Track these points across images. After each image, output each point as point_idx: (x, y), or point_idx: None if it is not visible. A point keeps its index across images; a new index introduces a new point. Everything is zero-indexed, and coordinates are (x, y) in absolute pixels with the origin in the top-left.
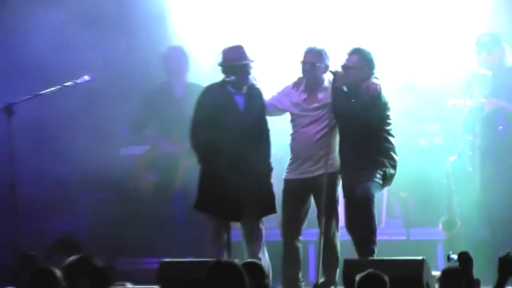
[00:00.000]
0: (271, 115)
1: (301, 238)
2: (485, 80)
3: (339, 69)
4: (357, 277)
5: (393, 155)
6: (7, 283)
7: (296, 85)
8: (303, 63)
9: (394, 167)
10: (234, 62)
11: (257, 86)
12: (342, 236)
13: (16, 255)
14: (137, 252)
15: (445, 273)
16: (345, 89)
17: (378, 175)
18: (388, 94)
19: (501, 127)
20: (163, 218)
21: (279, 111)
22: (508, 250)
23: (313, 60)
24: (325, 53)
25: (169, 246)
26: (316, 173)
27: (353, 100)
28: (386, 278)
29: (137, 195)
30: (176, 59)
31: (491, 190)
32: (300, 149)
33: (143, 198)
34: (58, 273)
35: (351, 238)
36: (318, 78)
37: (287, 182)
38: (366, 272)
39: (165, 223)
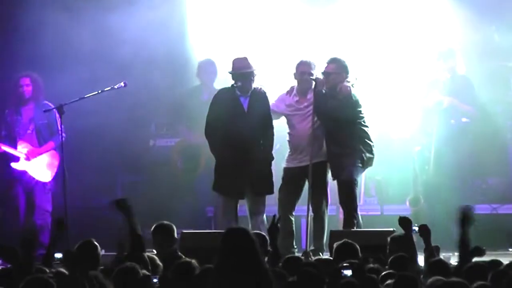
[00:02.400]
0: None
1: (294, 213)
2: (444, 82)
3: (320, 76)
4: (335, 245)
5: (369, 141)
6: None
7: (289, 92)
8: (302, 73)
9: (370, 151)
10: (240, 70)
11: (263, 90)
12: (330, 212)
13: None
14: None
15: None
16: (324, 92)
17: (358, 160)
18: (359, 93)
19: (452, 121)
20: (187, 196)
21: (276, 114)
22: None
23: (309, 70)
24: (314, 64)
25: (190, 220)
26: (310, 161)
27: (332, 102)
28: (357, 246)
29: (164, 178)
30: (207, 71)
31: (444, 172)
32: (296, 143)
33: (170, 180)
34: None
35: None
36: (311, 83)
37: (287, 169)
38: (341, 241)
39: (189, 201)
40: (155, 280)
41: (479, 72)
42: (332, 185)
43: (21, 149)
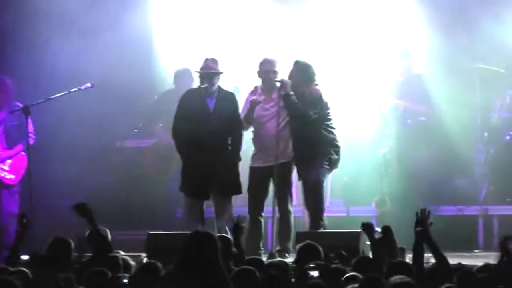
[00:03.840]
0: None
1: (263, 214)
2: (397, 84)
3: (284, 78)
4: (297, 247)
5: (336, 143)
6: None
7: (253, 92)
8: (267, 71)
9: (337, 153)
10: (207, 71)
11: (233, 91)
12: (295, 213)
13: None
14: (128, 225)
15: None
16: (292, 93)
17: (325, 162)
18: (327, 96)
19: (409, 120)
20: (157, 198)
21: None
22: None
23: (273, 68)
24: (277, 62)
25: (160, 221)
26: (277, 161)
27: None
28: (320, 248)
29: (133, 179)
30: (184, 79)
31: (409, 173)
32: (262, 143)
33: (139, 181)
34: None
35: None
36: (275, 82)
37: (253, 169)
38: (304, 243)
39: (159, 202)
40: (125, 281)
41: (446, 73)
42: (298, 185)
43: None
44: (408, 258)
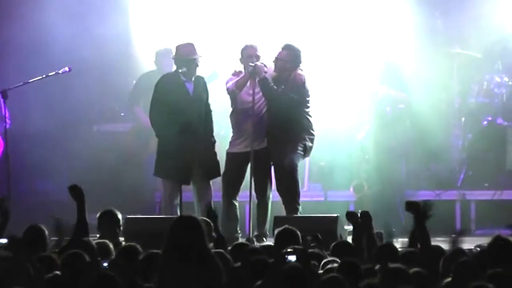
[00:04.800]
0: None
1: (238, 198)
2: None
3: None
4: (275, 231)
5: (311, 131)
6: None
7: (236, 74)
8: (249, 56)
9: (312, 141)
10: (186, 56)
11: (212, 77)
12: (273, 198)
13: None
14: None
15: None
16: (266, 77)
17: (300, 148)
18: (310, 84)
19: (388, 108)
20: (135, 181)
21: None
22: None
23: (256, 53)
24: (259, 47)
25: (138, 205)
26: (255, 147)
27: (282, 87)
28: (298, 232)
29: (110, 163)
30: (166, 58)
31: (386, 159)
32: (242, 127)
33: (117, 165)
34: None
35: (281, 198)
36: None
37: (231, 154)
38: (282, 227)
39: (136, 186)
40: (105, 265)
41: (423, 58)
42: None
43: None
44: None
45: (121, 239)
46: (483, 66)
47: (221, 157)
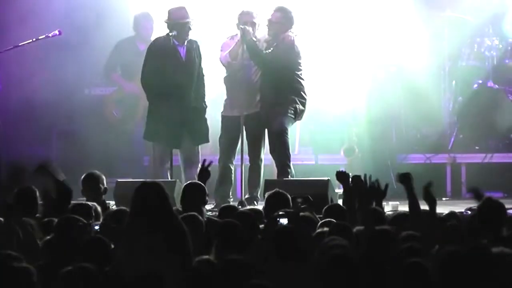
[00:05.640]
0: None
1: (234, 162)
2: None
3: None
4: (266, 195)
5: (303, 94)
6: None
7: (233, 38)
8: (245, 23)
9: (303, 104)
10: (178, 20)
11: (196, 40)
12: (264, 161)
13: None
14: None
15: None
16: (254, 40)
17: (290, 111)
18: (301, 46)
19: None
20: (123, 146)
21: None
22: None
23: (252, 19)
24: (256, 13)
25: (127, 169)
26: (249, 111)
27: (271, 49)
28: (288, 196)
29: (100, 127)
30: (144, 22)
31: (377, 122)
32: (236, 91)
33: (106, 129)
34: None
35: (274, 161)
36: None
37: (225, 117)
38: (272, 191)
39: (125, 150)
40: (96, 228)
41: (413, 21)
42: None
43: None
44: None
45: (112, 202)
46: (474, 29)
47: (213, 121)
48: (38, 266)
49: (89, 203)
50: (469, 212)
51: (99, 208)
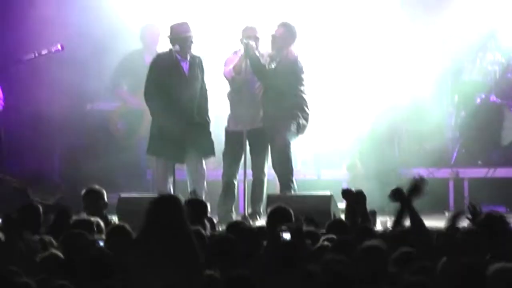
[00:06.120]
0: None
1: (237, 177)
2: None
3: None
4: (268, 210)
5: (306, 109)
6: None
7: (236, 53)
8: (249, 38)
9: (306, 119)
10: (180, 34)
11: (200, 55)
12: (268, 176)
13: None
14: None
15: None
16: (257, 55)
17: (293, 126)
18: (304, 61)
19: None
20: (127, 160)
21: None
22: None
23: (255, 34)
24: (259, 29)
25: (130, 183)
26: (253, 126)
27: (275, 64)
28: (291, 211)
29: (103, 141)
30: (150, 34)
31: (380, 136)
32: (240, 106)
33: (109, 144)
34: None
35: (276, 176)
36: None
37: (229, 132)
38: (275, 206)
39: (129, 164)
40: (101, 243)
41: (415, 35)
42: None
43: None
44: (379, 221)
45: (115, 217)
46: (476, 43)
47: (216, 136)
48: (38, 281)
49: (91, 218)
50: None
51: (102, 224)
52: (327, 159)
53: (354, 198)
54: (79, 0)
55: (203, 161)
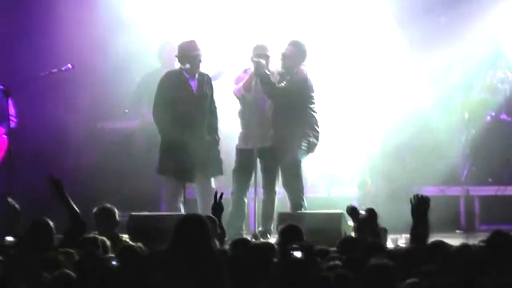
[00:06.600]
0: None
1: (248, 195)
2: None
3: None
4: (279, 228)
5: (316, 127)
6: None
7: (246, 71)
8: (259, 55)
9: (317, 137)
10: (188, 53)
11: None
12: (278, 194)
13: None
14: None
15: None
16: (267, 73)
17: (303, 144)
18: (314, 79)
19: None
20: (139, 178)
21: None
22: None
23: (266, 53)
24: (269, 47)
25: (142, 202)
26: (263, 144)
27: (284, 82)
28: (302, 229)
29: (115, 160)
30: (168, 52)
31: (391, 154)
32: (250, 124)
33: (120, 162)
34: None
35: (286, 194)
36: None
37: (240, 150)
38: (285, 224)
39: (141, 183)
40: (114, 263)
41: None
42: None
43: None
44: (390, 238)
45: (125, 236)
46: (486, 61)
47: (226, 153)
48: None
49: (98, 236)
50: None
51: (108, 242)
52: (338, 177)
53: (358, 215)
54: (96, 19)
55: (212, 180)
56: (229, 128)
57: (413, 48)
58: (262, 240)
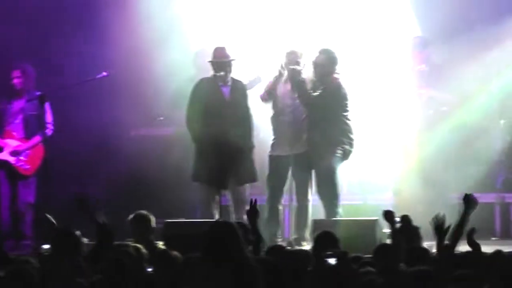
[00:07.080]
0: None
1: (282, 202)
2: (422, 73)
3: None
4: (314, 235)
5: (351, 135)
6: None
7: (277, 77)
8: (290, 62)
9: (351, 145)
10: (219, 59)
11: (241, 81)
12: (313, 202)
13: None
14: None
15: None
16: (302, 80)
17: (339, 151)
18: (347, 87)
19: (431, 111)
20: (174, 185)
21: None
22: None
23: (297, 59)
24: (301, 53)
25: (177, 209)
26: (297, 151)
27: (318, 91)
28: (337, 236)
29: (148, 167)
30: (203, 59)
31: (426, 161)
32: (283, 130)
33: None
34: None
35: (321, 201)
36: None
37: (273, 157)
38: (321, 231)
39: (176, 190)
40: (149, 270)
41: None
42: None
43: (10, 142)
44: (426, 245)
45: (161, 243)
46: None
47: (259, 160)
48: None
49: (131, 244)
50: None
51: (143, 249)
52: (373, 183)
53: (395, 219)
54: (139, 28)
55: (246, 187)
56: (264, 134)
57: (452, 55)
58: (296, 247)
